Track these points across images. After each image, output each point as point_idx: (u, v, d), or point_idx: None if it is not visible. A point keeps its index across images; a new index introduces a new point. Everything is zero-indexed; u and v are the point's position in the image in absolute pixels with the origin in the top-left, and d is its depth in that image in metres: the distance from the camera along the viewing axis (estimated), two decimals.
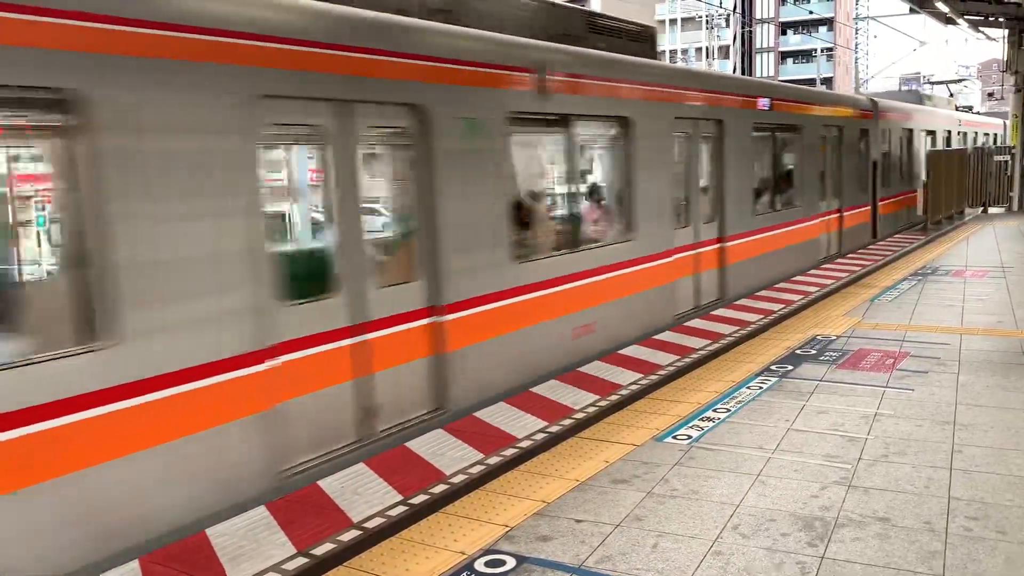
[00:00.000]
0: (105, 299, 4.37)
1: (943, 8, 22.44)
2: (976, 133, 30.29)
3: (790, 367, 7.36)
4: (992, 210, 23.98)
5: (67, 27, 4.17)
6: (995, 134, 33.54)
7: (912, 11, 25.02)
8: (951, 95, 25.90)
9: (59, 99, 4.19)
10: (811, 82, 50.51)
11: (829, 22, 74.75)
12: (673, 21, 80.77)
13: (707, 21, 77.09)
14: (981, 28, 26.13)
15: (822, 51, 72.39)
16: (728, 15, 75.36)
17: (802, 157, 14.29)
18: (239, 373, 5.02)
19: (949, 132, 25.48)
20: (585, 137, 9.00)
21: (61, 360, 4.17)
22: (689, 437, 5.66)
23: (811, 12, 54.31)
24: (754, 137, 12.42)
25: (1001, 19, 23.41)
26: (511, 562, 4.00)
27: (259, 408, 5.14)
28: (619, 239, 9.09)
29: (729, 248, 11.43)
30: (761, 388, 6.76)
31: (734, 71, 72.20)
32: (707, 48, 76.90)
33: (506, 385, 7.20)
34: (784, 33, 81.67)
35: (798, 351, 7.95)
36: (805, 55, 78.39)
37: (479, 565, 3.98)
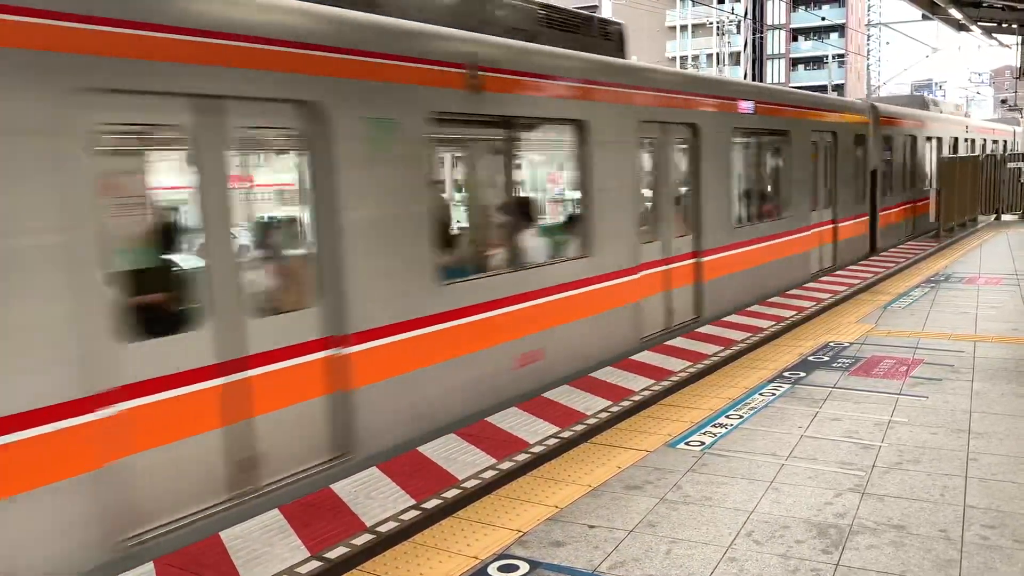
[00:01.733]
0: None
1: (956, 15, 22.36)
2: (985, 140, 29.62)
3: (803, 374, 7.34)
4: (1005, 217, 23.85)
5: None
6: (1004, 141, 32.97)
7: (925, 17, 24.92)
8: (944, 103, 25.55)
9: None
10: (823, 88, 50.45)
11: (841, 28, 74.60)
12: (684, 27, 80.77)
13: (718, 27, 77.11)
14: (994, 35, 26.03)
15: (834, 57, 72.29)
16: (739, 21, 75.32)
17: (790, 165, 13.39)
18: (63, 424, 4.20)
19: (956, 139, 24.94)
20: (533, 142, 8.42)
21: None
22: (702, 443, 5.64)
23: (823, 18, 54.12)
24: (735, 143, 11.65)
25: (1015, 26, 23.32)
26: (524, 567, 4.00)
27: (90, 467, 4.31)
28: (574, 255, 8.38)
29: (706, 263, 10.66)
30: (774, 394, 6.74)
31: (745, 77, 72.09)
32: (718, 55, 76.90)
33: (418, 429, 6.32)
34: (795, 39, 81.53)
35: (811, 358, 7.93)
36: (817, 61, 78.20)
37: (492, 570, 3.98)
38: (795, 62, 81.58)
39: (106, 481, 4.36)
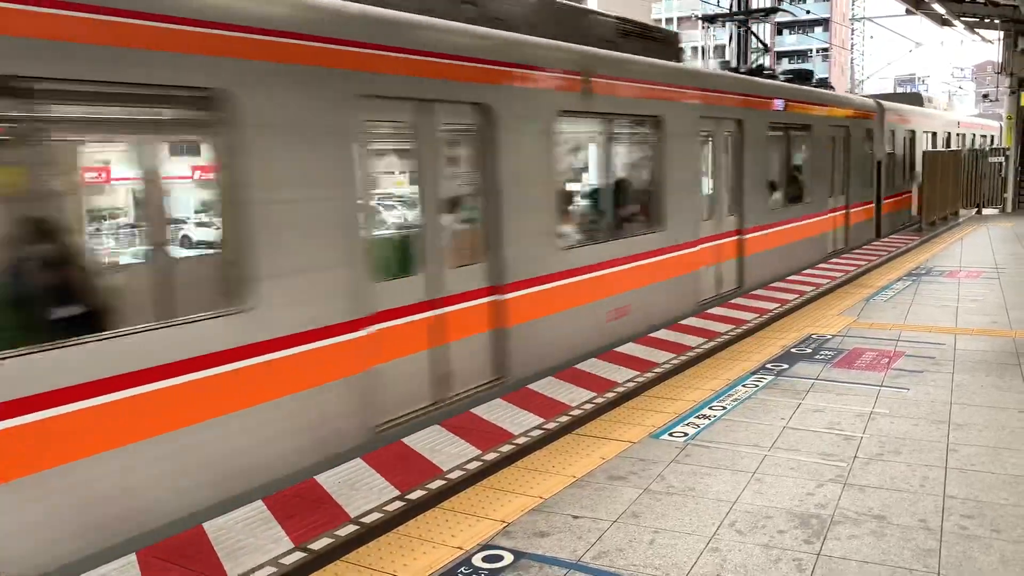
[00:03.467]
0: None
1: (939, 9, 22.50)
2: (974, 135, 30.74)
3: (786, 365, 7.38)
4: (986, 211, 24.07)
5: None
6: (992, 136, 33.92)
7: (908, 12, 25.06)
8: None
9: None
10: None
11: (825, 22, 74.85)
12: (669, 20, 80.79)
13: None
14: (977, 30, 26.21)
15: (818, 51, 72.48)
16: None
17: (812, 155, 14.98)
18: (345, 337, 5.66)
19: (948, 134, 25.94)
20: (623, 134, 9.84)
21: None
22: (685, 434, 5.67)
23: (808, 12, 54.26)
24: (770, 136, 13.15)
25: (997, 21, 23.49)
26: (508, 557, 4.01)
27: (357, 370, 5.75)
28: (653, 229, 9.83)
29: (748, 240, 12.20)
30: (757, 386, 6.78)
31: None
32: (703, 47, 77.02)
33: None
34: (780, 33, 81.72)
35: (793, 350, 7.98)
36: (801, 55, 78.50)
37: (477, 560, 3.99)
38: (779, 55, 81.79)
39: (365, 382, 5.84)
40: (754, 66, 16.92)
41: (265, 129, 5.19)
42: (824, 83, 18.78)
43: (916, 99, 25.56)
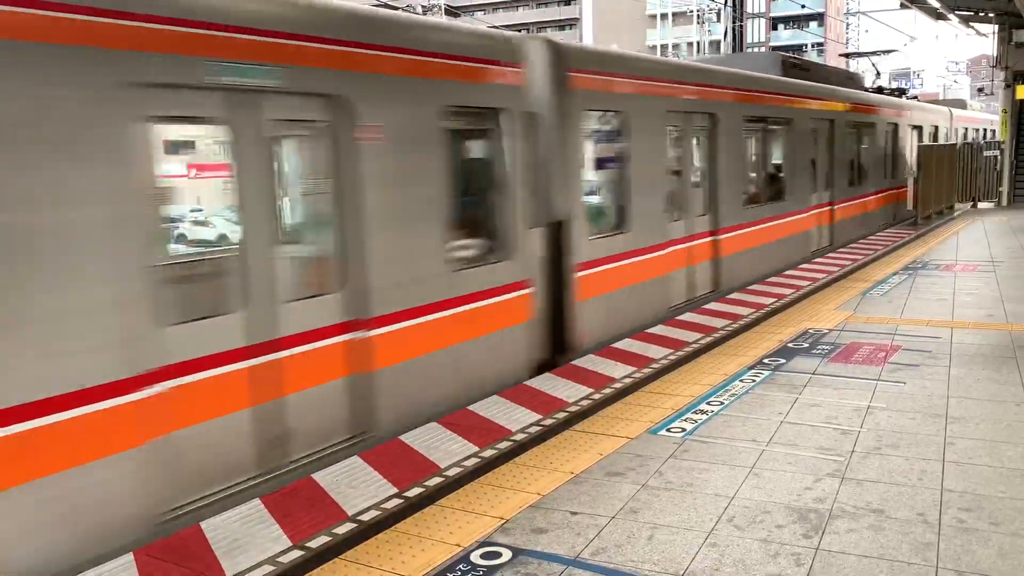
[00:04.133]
0: None
1: (934, 3, 22.51)
2: (967, 129, 30.27)
3: (783, 360, 7.38)
4: (982, 205, 24.09)
5: None
6: (985, 130, 33.67)
7: (903, 6, 25.06)
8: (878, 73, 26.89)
9: None
10: None
11: (820, 17, 74.89)
12: (664, 16, 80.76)
13: (698, 16, 77.16)
14: (972, 24, 26.22)
15: (813, 46, 72.54)
16: (719, 10, 75.41)
17: (872, 146, 16.92)
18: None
19: (936, 128, 25.28)
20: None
21: None
22: (683, 430, 5.67)
23: (802, 7, 54.32)
24: (849, 132, 14.04)
25: (991, 14, 23.50)
26: (507, 554, 4.00)
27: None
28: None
29: (835, 211, 14.31)
30: (754, 381, 6.77)
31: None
32: (698, 43, 76.97)
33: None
34: (775, 28, 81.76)
35: (790, 344, 7.98)
36: (796, 50, 78.48)
37: (475, 557, 3.99)
38: (774, 50, 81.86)
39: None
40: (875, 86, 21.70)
41: None
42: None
43: (961, 105, 30.62)
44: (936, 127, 24.53)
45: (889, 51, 30.28)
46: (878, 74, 26.09)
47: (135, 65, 4.37)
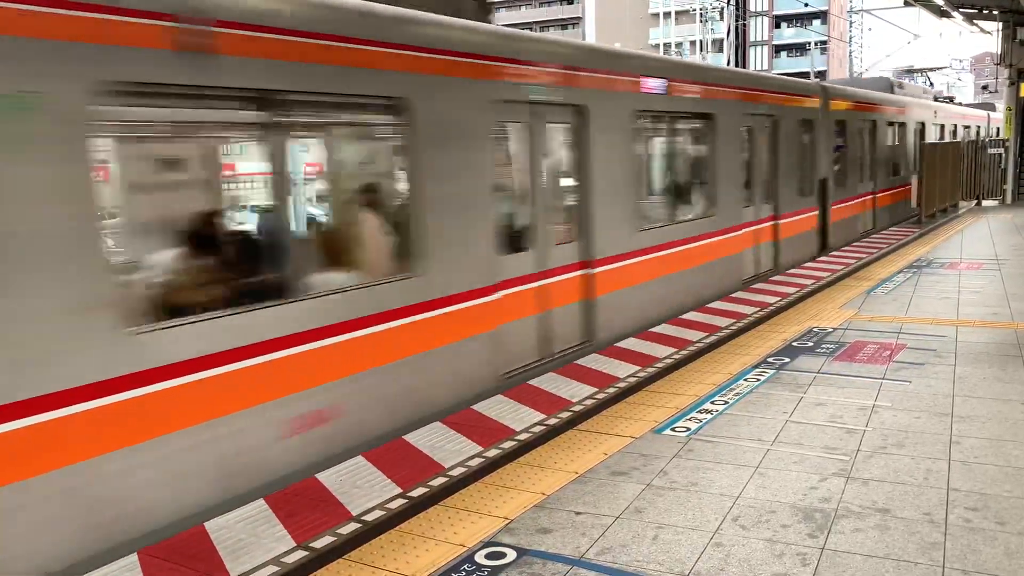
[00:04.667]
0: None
1: (938, 1, 22.44)
2: (956, 125, 27.64)
3: (787, 359, 7.37)
4: (986, 203, 24.04)
5: None
6: (977, 126, 31.46)
7: (906, 4, 25.00)
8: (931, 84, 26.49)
9: None
10: (805, 75, 50.59)
11: (823, 15, 74.74)
12: (667, 14, 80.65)
13: (701, 14, 77.04)
14: (975, 21, 26.14)
15: (816, 44, 72.38)
16: (722, 8, 75.29)
17: (899, 142, 19.17)
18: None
19: (922, 124, 22.63)
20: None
21: None
22: (688, 429, 5.66)
23: (806, 5, 54.16)
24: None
25: (995, 12, 23.43)
26: (512, 554, 4.00)
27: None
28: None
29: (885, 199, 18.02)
30: (759, 380, 6.76)
31: (728, 64, 72.10)
32: (700, 42, 76.85)
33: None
34: (778, 26, 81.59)
35: (795, 343, 7.96)
36: (799, 48, 78.35)
37: (479, 558, 3.98)
38: (778, 49, 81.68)
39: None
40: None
41: None
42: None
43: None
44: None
45: (939, 68, 33.38)
46: (931, 84, 27.93)
47: (497, 88, 7.09)
